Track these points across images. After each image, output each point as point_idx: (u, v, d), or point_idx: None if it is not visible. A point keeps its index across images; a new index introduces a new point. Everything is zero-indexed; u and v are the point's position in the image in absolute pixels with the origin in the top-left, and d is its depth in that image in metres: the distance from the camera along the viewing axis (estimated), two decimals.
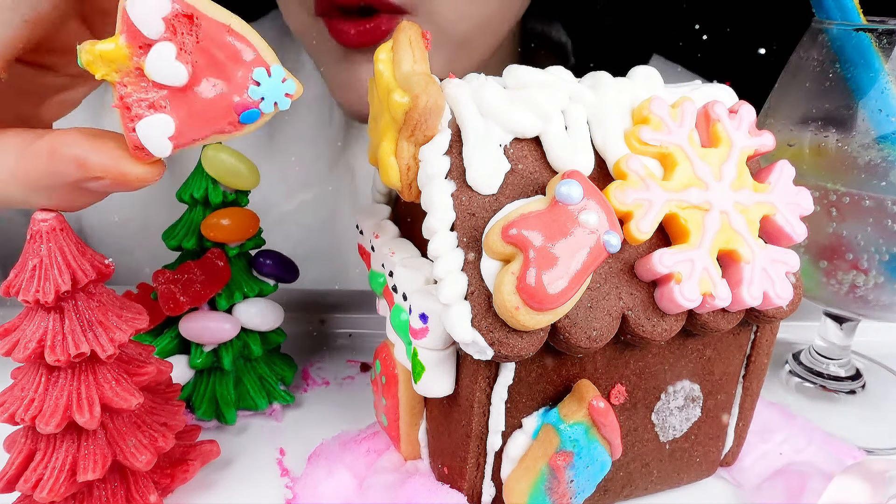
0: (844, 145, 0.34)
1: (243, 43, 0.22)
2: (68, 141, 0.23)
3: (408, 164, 0.26)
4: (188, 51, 0.21)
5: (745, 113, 0.28)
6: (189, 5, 0.21)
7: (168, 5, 0.21)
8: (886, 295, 0.35)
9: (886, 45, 0.33)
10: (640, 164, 0.26)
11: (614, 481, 0.30)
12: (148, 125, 0.22)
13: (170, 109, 0.22)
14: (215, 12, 0.22)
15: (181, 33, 0.21)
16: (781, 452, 0.34)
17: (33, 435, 0.27)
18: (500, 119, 0.26)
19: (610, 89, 0.27)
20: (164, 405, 0.30)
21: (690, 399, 0.30)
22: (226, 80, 0.22)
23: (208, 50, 0.22)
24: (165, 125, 0.22)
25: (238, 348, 0.36)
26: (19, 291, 0.25)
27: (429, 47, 0.26)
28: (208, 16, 0.22)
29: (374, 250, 0.32)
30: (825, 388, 0.40)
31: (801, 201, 0.29)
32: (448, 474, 0.30)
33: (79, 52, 0.21)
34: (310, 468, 0.32)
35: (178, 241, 0.35)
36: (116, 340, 0.27)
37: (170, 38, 0.21)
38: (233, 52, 0.22)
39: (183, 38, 0.21)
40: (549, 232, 0.23)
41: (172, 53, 0.21)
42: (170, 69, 0.21)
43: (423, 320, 0.26)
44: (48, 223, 0.25)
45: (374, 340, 0.38)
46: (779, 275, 0.28)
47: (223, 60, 0.22)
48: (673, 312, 0.26)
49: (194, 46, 0.21)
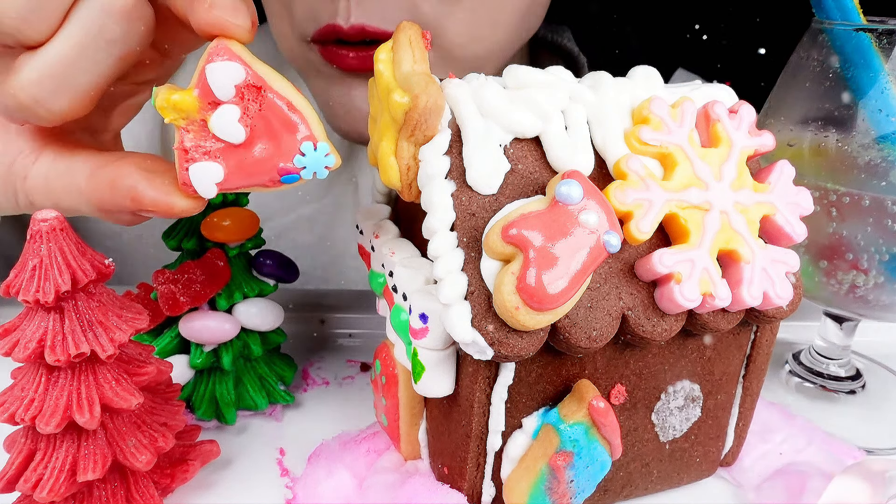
0: (844, 145, 0.34)
1: (299, 117, 0.25)
2: (126, 174, 0.26)
3: (408, 164, 0.26)
4: (250, 115, 0.24)
5: (745, 113, 0.28)
6: (260, 78, 0.24)
7: (242, 74, 0.24)
8: (886, 295, 0.35)
9: (886, 45, 0.33)
10: (640, 164, 0.26)
11: (614, 481, 0.30)
12: (200, 169, 0.24)
13: (222, 160, 0.24)
14: (281, 86, 0.25)
15: (248, 100, 0.24)
16: (781, 452, 0.34)
17: (33, 435, 0.27)
18: (500, 119, 0.26)
19: (610, 89, 0.27)
20: (164, 405, 0.30)
21: (690, 399, 0.30)
22: (276, 146, 0.25)
23: (267, 118, 0.24)
24: (215, 172, 0.24)
25: (238, 348, 0.36)
26: (19, 291, 0.25)
27: (429, 47, 0.26)
28: (274, 89, 0.24)
29: (374, 250, 0.32)
30: (825, 388, 0.40)
31: (801, 201, 0.29)
32: (448, 474, 0.30)
33: (154, 95, 0.24)
34: (310, 468, 0.32)
35: (178, 241, 0.35)
36: (116, 340, 0.27)
37: (237, 102, 0.24)
38: (289, 124, 0.25)
39: (248, 104, 0.24)
40: (549, 232, 0.23)
41: (236, 116, 0.24)
42: (231, 128, 0.24)
43: (423, 320, 0.26)
44: (48, 223, 0.25)
45: (374, 340, 0.37)
46: (779, 275, 0.28)
47: (278, 129, 0.24)
48: (673, 312, 0.26)
49: (256, 113, 0.24)
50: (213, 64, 0.24)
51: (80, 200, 0.27)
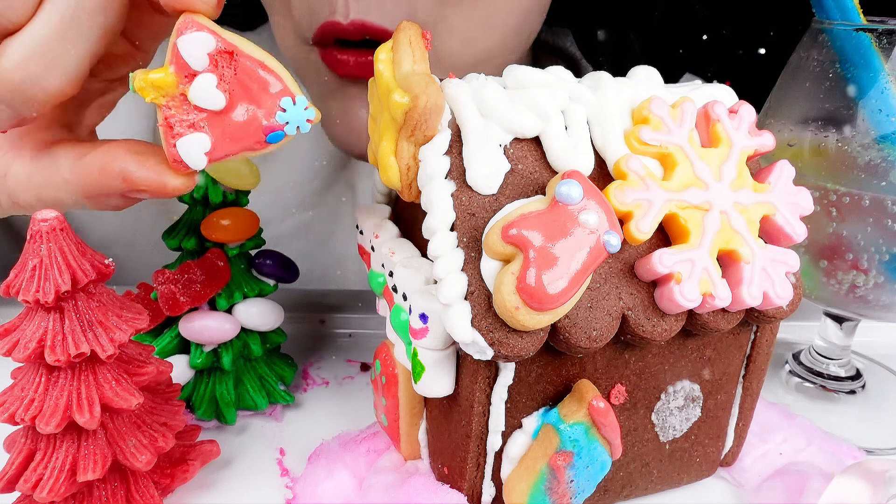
0: (844, 145, 0.34)
1: (273, 76, 0.25)
2: (116, 157, 0.27)
3: (408, 164, 0.26)
4: (227, 81, 0.25)
5: (745, 113, 0.28)
6: (230, 44, 0.25)
7: (213, 43, 0.25)
8: (886, 295, 0.35)
9: (886, 45, 0.33)
10: (640, 164, 0.26)
11: (614, 481, 0.30)
12: (187, 142, 0.25)
13: (207, 129, 0.25)
14: (251, 50, 0.25)
15: (222, 66, 0.25)
16: (781, 452, 0.34)
17: (33, 435, 0.27)
18: (500, 119, 0.26)
19: (610, 89, 0.27)
20: (164, 405, 0.30)
21: (690, 399, 0.30)
22: (256, 106, 0.25)
23: (243, 81, 0.25)
24: (203, 142, 0.25)
25: (238, 348, 0.36)
26: (19, 291, 0.25)
27: (429, 47, 0.26)
28: (245, 52, 0.25)
29: (374, 250, 0.32)
30: (825, 388, 0.40)
31: (801, 201, 0.29)
32: (448, 474, 0.30)
33: (131, 79, 0.25)
34: (310, 468, 0.32)
35: (178, 241, 0.35)
36: (116, 340, 0.27)
37: (212, 70, 0.25)
38: (264, 83, 0.25)
39: (223, 70, 0.25)
40: (549, 232, 0.23)
41: (213, 83, 0.25)
42: (210, 96, 0.25)
43: (423, 320, 0.26)
44: (48, 223, 0.25)
45: (374, 340, 0.38)
46: (779, 275, 0.28)
47: (255, 90, 0.25)
48: (673, 312, 0.26)
49: (232, 77, 0.25)
50: (184, 36, 0.24)
51: (66, 190, 0.28)
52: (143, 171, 0.26)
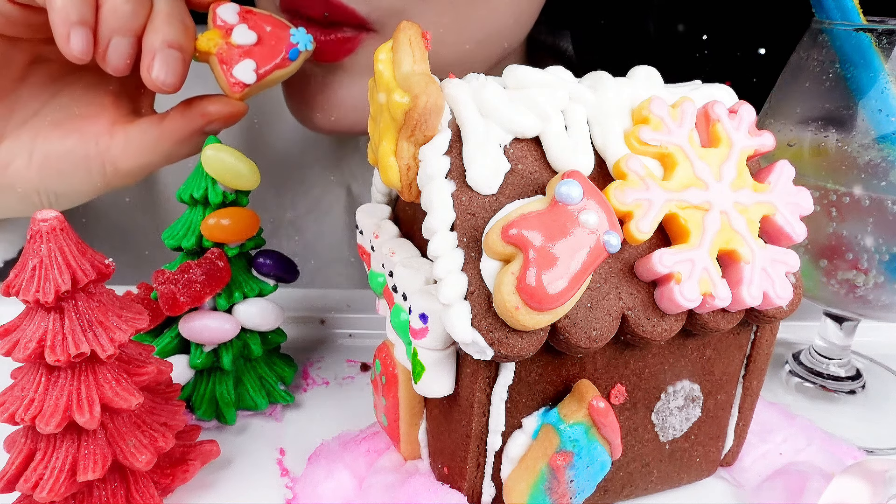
0: (844, 145, 0.34)
1: (278, 19, 0.40)
2: (189, 104, 0.39)
3: (408, 164, 0.26)
4: (252, 25, 0.39)
5: (745, 113, 0.28)
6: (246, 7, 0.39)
7: (236, 6, 0.39)
8: (886, 295, 0.35)
9: (886, 45, 0.33)
10: (640, 164, 0.26)
11: (614, 481, 0.30)
12: (241, 66, 0.38)
13: (249, 58, 0.38)
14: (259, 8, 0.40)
15: (247, 18, 0.39)
16: (781, 452, 0.34)
17: (33, 435, 0.27)
18: (500, 119, 0.26)
19: (610, 89, 0.27)
20: (164, 405, 0.30)
21: (690, 399, 0.30)
22: (276, 38, 0.39)
23: (262, 25, 0.39)
24: (250, 64, 0.38)
25: (238, 348, 0.36)
26: (19, 291, 0.25)
27: (429, 47, 0.26)
28: (256, 10, 0.40)
29: (374, 250, 0.32)
30: (825, 388, 0.40)
31: (801, 201, 0.29)
32: (448, 474, 0.30)
33: (198, 42, 0.38)
34: (310, 468, 0.32)
35: (178, 241, 0.35)
36: (116, 340, 0.27)
37: (242, 20, 0.39)
38: (276, 22, 0.39)
39: (248, 19, 0.39)
40: (548, 232, 0.23)
41: (246, 27, 0.39)
42: (246, 35, 0.38)
43: (423, 320, 0.26)
44: (48, 223, 0.25)
45: (374, 340, 0.37)
46: (779, 275, 0.28)
47: (272, 27, 0.39)
48: (673, 312, 0.26)
49: (256, 22, 0.39)
50: (221, 7, 0.39)
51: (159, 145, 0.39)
52: (215, 105, 0.39)
